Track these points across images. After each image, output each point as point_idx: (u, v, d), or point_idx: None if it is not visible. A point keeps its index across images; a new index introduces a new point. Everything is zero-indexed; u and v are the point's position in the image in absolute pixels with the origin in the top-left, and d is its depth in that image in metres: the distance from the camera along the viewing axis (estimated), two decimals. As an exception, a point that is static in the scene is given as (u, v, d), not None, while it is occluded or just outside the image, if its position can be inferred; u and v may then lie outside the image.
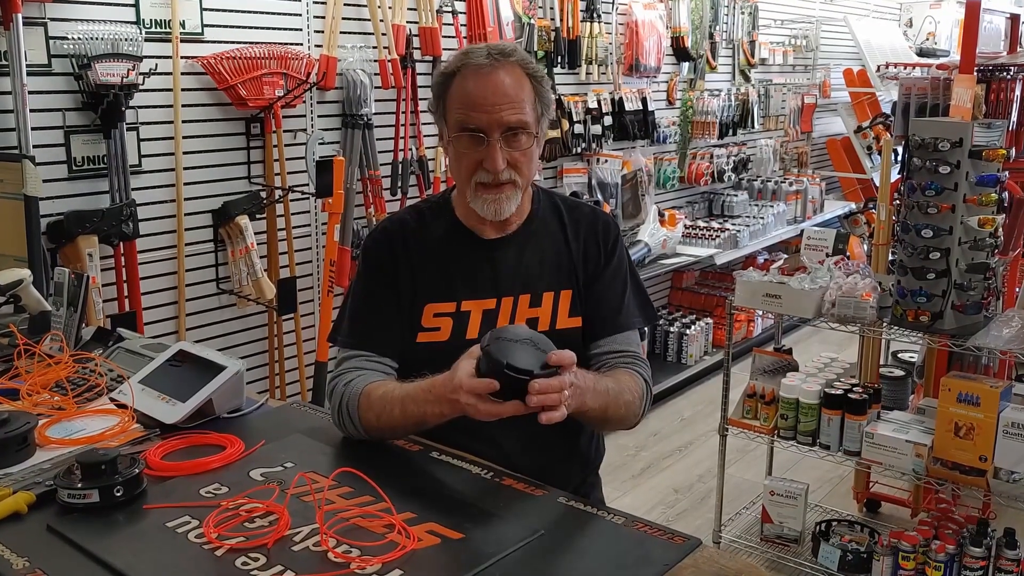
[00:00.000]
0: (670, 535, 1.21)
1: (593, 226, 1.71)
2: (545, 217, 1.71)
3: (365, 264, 1.69)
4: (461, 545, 1.17)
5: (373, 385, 1.51)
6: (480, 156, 1.54)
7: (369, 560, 1.12)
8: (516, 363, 1.24)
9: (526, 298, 1.64)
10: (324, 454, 1.44)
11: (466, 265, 1.64)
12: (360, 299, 1.66)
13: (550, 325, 1.63)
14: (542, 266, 1.66)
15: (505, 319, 1.62)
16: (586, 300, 1.67)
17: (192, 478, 1.35)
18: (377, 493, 1.26)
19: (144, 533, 1.20)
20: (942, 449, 2.74)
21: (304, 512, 1.24)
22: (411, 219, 1.70)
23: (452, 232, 1.67)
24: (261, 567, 1.11)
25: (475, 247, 1.66)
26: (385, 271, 1.64)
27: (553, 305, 1.64)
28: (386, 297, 1.63)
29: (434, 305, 1.62)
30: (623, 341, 1.68)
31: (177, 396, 1.55)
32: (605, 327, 1.67)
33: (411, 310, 1.62)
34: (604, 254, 1.69)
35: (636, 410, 1.59)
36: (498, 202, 1.57)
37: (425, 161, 3.91)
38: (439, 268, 1.64)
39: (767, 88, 6.17)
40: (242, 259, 3.18)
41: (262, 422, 1.59)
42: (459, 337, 1.60)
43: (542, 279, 1.65)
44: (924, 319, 2.79)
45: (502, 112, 1.52)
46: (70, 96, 2.77)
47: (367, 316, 1.64)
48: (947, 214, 2.70)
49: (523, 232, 1.68)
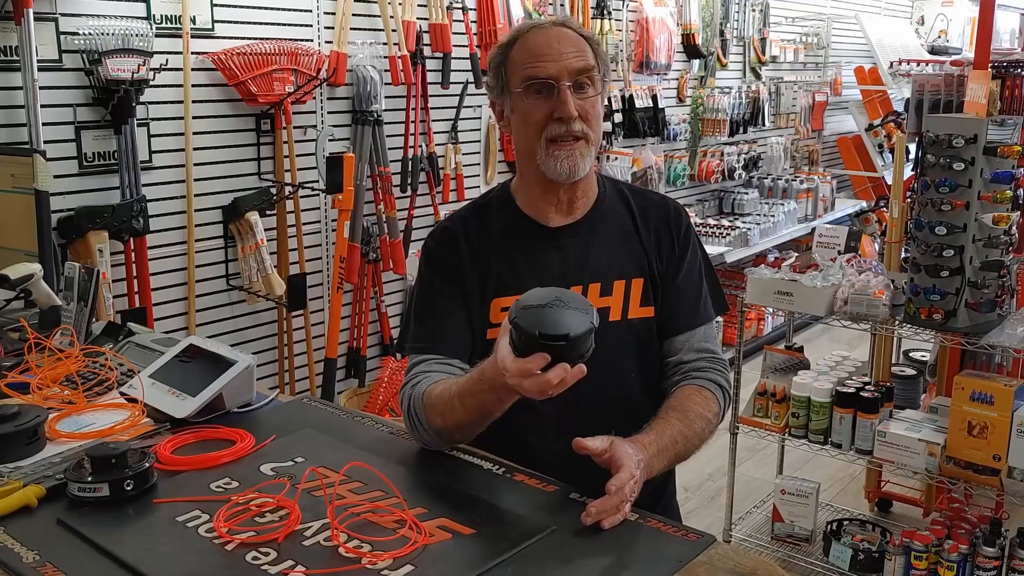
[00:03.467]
0: (684, 531, 1.19)
1: (664, 215, 1.64)
2: (612, 203, 1.63)
3: (428, 265, 1.62)
4: (473, 541, 1.16)
5: (433, 385, 1.45)
6: (550, 107, 1.48)
7: (380, 555, 1.11)
8: (548, 330, 1.16)
9: (596, 287, 1.56)
10: (335, 449, 1.42)
11: (532, 256, 1.58)
12: (425, 301, 1.59)
13: (622, 314, 1.56)
14: (612, 254, 1.59)
15: None
16: (663, 294, 1.60)
17: (202, 472, 1.34)
18: (388, 488, 1.25)
19: (154, 527, 1.20)
20: (955, 448, 2.71)
21: (315, 507, 1.23)
22: (471, 215, 1.64)
23: (516, 223, 1.60)
24: (271, 562, 1.10)
25: (541, 237, 1.58)
26: (449, 270, 1.58)
27: (625, 294, 1.57)
28: (452, 297, 1.56)
29: (502, 299, 1.55)
30: (702, 337, 1.62)
31: (187, 391, 1.55)
32: (685, 322, 1.61)
33: (480, 307, 1.56)
34: (678, 245, 1.62)
35: (711, 430, 1.53)
36: (571, 158, 1.50)
37: (435, 158, 3.90)
38: (505, 261, 1.57)
39: (778, 86, 6.15)
40: (252, 255, 3.18)
41: (272, 417, 1.58)
42: None
43: (612, 267, 1.58)
44: (937, 317, 2.76)
45: (569, 59, 1.48)
46: (81, 92, 2.77)
47: (433, 318, 1.57)
48: (961, 211, 2.68)
49: (590, 219, 1.60)
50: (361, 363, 3.73)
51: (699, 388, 1.54)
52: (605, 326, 1.52)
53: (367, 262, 3.68)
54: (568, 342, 1.16)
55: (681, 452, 1.44)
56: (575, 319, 1.17)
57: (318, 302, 3.57)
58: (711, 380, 1.56)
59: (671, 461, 1.42)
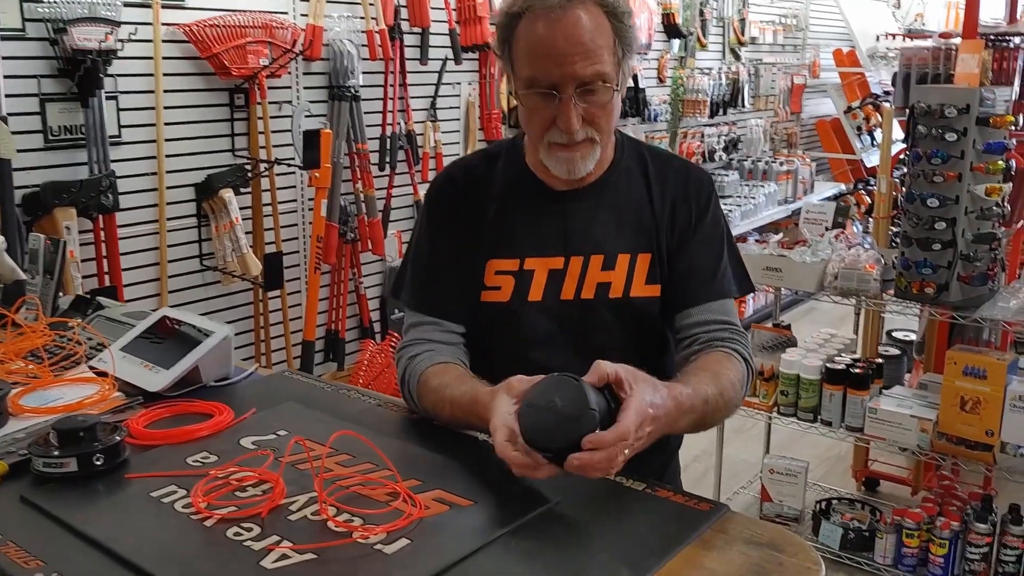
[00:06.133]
0: (695, 501, 1.13)
1: (683, 182, 1.49)
2: (628, 169, 1.49)
3: (428, 214, 1.52)
4: (472, 513, 1.09)
5: (432, 371, 1.37)
6: (552, 113, 1.34)
7: (372, 529, 1.03)
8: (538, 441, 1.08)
9: (598, 259, 1.44)
10: (320, 421, 1.34)
11: (533, 218, 1.46)
12: (423, 255, 1.50)
13: (624, 292, 1.44)
14: (620, 224, 1.46)
15: (573, 281, 1.44)
16: (673, 265, 1.46)
17: (178, 447, 1.26)
18: (380, 459, 1.17)
19: (126, 503, 1.11)
20: (947, 424, 2.68)
21: (300, 480, 1.15)
22: (479, 164, 1.51)
23: (520, 180, 1.48)
24: (255, 537, 1.02)
25: (545, 199, 1.46)
26: (447, 223, 1.48)
27: (628, 270, 1.44)
28: (449, 254, 1.47)
29: (497, 262, 1.45)
30: (719, 310, 1.45)
31: (161, 363, 1.46)
32: (699, 293, 1.45)
33: (474, 268, 1.46)
34: (696, 212, 1.47)
35: (738, 402, 1.37)
36: (572, 162, 1.38)
37: (414, 136, 3.81)
38: (503, 222, 1.46)
39: (757, 68, 6.10)
40: (226, 234, 3.08)
41: (252, 390, 1.50)
42: (520, 299, 1.44)
43: (618, 239, 1.45)
44: (929, 291, 2.73)
45: (576, 64, 1.30)
46: (45, 62, 2.65)
47: (431, 276, 1.48)
48: (953, 183, 2.64)
49: (600, 184, 1.47)
50: (340, 346, 3.64)
51: (727, 355, 1.39)
52: (604, 303, 1.45)
53: (345, 242, 3.58)
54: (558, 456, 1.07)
55: (707, 417, 1.29)
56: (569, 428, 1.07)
57: (295, 283, 3.47)
58: (735, 351, 1.41)
59: (696, 424, 1.27)
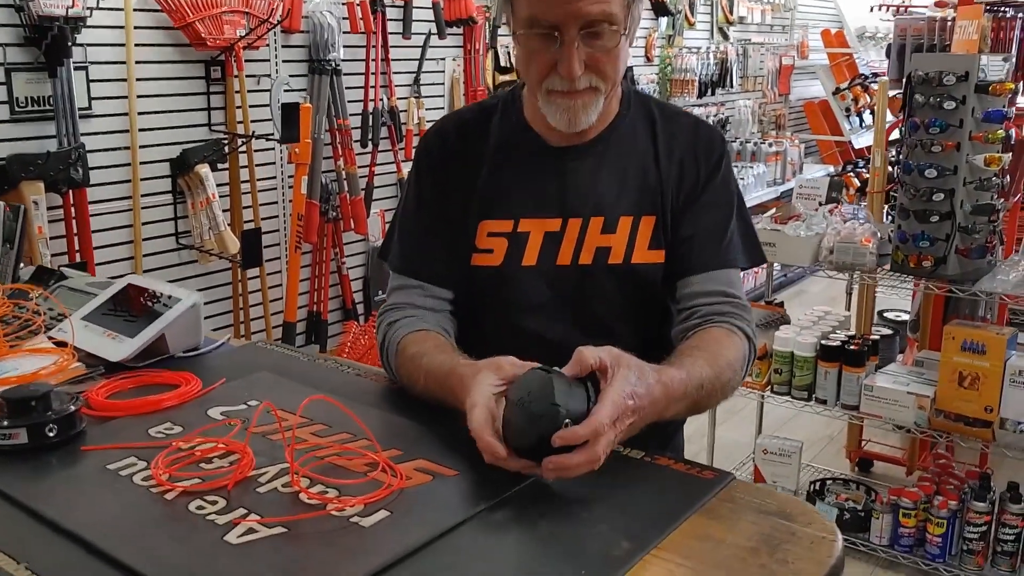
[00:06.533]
0: (698, 469, 1.05)
1: (693, 141, 1.38)
2: (634, 125, 1.37)
3: (416, 170, 1.42)
4: (457, 483, 1.00)
5: (411, 339, 1.28)
6: (553, 57, 1.22)
7: (348, 501, 0.94)
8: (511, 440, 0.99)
9: (598, 222, 1.33)
10: (295, 392, 1.24)
11: (529, 177, 1.35)
12: (410, 214, 1.41)
13: (625, 258, 1.33)
14: (622, 184, 1.35)
15: (570, 244, 1.33)
16: (677, 228, 1.35)
17: (140, 418, 1.17)
18: (358, 429, 1.09)
19: (81, 477, 1.02)
20: (945, 400, 2.62)
21: (271, 451, 1.06)
22: (472, 117, 1.41)
23: (516, 135, 1.37)
24: (219, 511, 0.93)
25: (541, 155, 1.36)
26: (437, 180, 1.38)
27: (631, 234, 1.34)
28: (438, 213, 1.37)
29: (489, 223, 1.35)
30: (722, 280, 1.34)
31: (125, 332, 1.37)
32: (701, 260, 1.34)
33: (464, 228, 1.36)
34: (704, 173, 1.36)
35: (737, 384, 1.26)
36: (572, 111, 1.26)
37: (397, 112, 3.71)
38: (497, 179, 1.36)
39: (745, 47, 6.02)
40: (203, 211, 2.98)
41: (223, 361, 1.41)
42: (514, 263, 1.34)
43: (620, 200, 1.34)
44: (927, 264, 2.66)
45: (580, 2, 1.19)
46: (11, 30, 2.53)
47: (417, 236, 1.39)
48: (952, 153, 2.56)
49: (603, 141, 1.36)
50: (322, 328, 3.54)
51: (727, 332, 1.28)
52: (603, 269, 1.34)
53: (327, 221, 3.49)
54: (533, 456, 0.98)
55: (702, 401, 1.18)
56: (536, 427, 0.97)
57: (275, 264, 3.37)
58: (737, 327, 1.29)
59: (689, 409, 1.17)
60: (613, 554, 0.86)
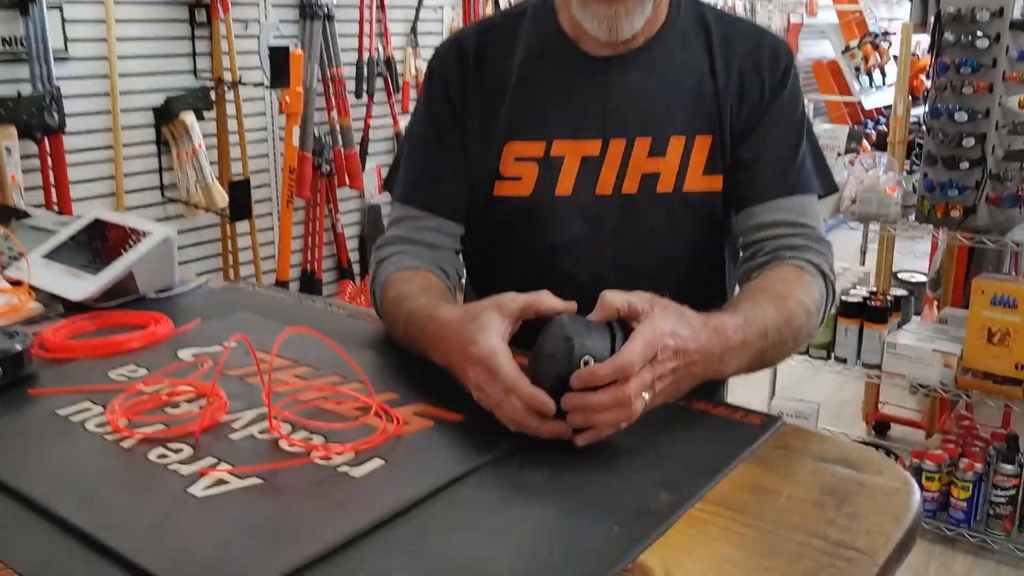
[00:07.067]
0: (742, 413, 0.91)
1: (755, 51, 1.18)
2: (684, 32, 1.18)
3: (429, 83, 1.23)
4: (462, 429, 0.86)
5: (395, 278, 1.11)
6: None
7: (336, 448, 0.80)
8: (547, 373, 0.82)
9: (644, 143, 1.14)
10: (278, 333, 1.09)
11: (564, 91, 1.16)
12: (419, 135, 1.23)
13: (675, 185, 1.15)
14: (672, 100, 1.15)
15: (612, 170, 1.15)
16: (739, 151, 1.16)
17: (100, 361, 1.02)
18: (348, 370, 0.94)
19: (26, 423, 0.88)
20: (973, 358, 2.48)
21: (248, 395, 0.92)
22: (497, 22, 1.23)
23: (549, 44, 1.18)
24: (184, 460, 0.79)
25: (579, 67, 1.16)
26: (453, 95, 1.18)
27: (683, 156, 1.15)
28: (453, 133, 1.19)
29: (517, 145, 1.16)
30: (793, 208, 1.14)
31: (88, 270, 1.22)
32: (769, 187, 1.15)
33: (486, 151, 1.17)
34: (769, 87, 1.16)
35: (811, 331, 1.06)
36: (614, 18, 1.08)
37: (393, 63, 3.54)
38: (527, 94, 1.17)
39: (753, 4, 5.84)
40: (189, 162, 2.82)
41: (200, 302, 1.26)
42: (546, 193, 1.16)
43: (671, 118, 1.15)
44: (955, 214, 2.51)
45: None
46: (-22, -36, 2.37)
47: (426, 160, 1.21)
48: (984, 95, 2.41)
49: (649, 49, 1.16)
50: (315, 287, 3.39)
51: (797, 269, 1.09)
52: (650, 199, 1.15)
53: (320, 175, 3.33)
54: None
55: (769, 352, 0.98)
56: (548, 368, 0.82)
57: (267, 220, 3.22)
58: (811, 263, 1.10)
59: (752, 362, 0.96)
60: (650, 507, 0.72)
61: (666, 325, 0.84)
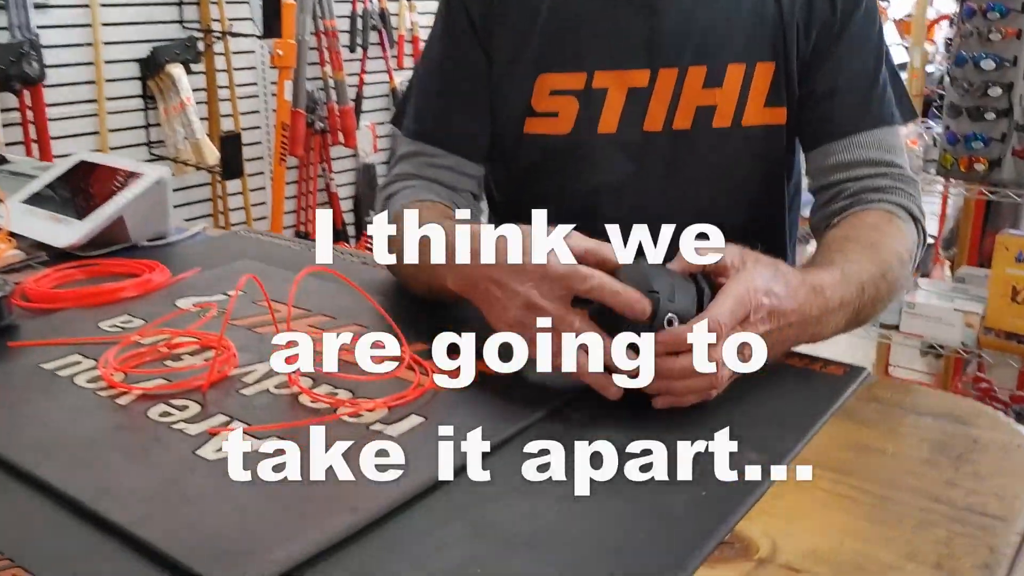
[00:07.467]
0: (821, 364, 0.80)
1: None
2: None
3: (447, 11, 1.08)
4: (514, 381, 0.75)
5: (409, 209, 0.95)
6: None
7: (366, 403, 0.70)
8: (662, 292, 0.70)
9: (699, 72, 1.01)
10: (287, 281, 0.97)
11: (606, 14, 1.02)
12: (435, 65, 1.09)
13: (734, 119, 1.02)
14: (730, 22, 1.02)
15: (662, 104, 1.02)
16: (809, 81, 1.03)
17: (89, 311, 0.91)
18: (370, 318, 0.84)
19: (6, 378, 0.77)
20: (996, 317, 2.40)
21: (259, 346, 0.81)
22: None
23: None
24: (190, 418, 0.69)
25: None
26: (476, 18, 1.04)
27: (743, 87, 1.02)
28: (472, 63, 1.05)
29: (552, 76, 1.03)
30: (876, 144, 1.01)
31: (74, 215, 1.11)
32: (846, 120, 1.02)
33: (517, 83, 1.04)
34: (843, 6, 1.01)
35: (906, 282, 0.95)
36: None
37: (388, 15, 3.40)
38: (563, 17, 1.03)
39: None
40: (177, 117, 2.69)
41: (198, 250, 1.15)
42: (587, 130, 1.03)
43: (728, 44, 1.02)
44: (979, 167, 2.41)
45: None
46: (-52, -98, 2.22)
47: (441, 92, 1.08)
48: (1012, 41, 2.31)
49: None
50: (310, 249, 3.28)
51: (887, 213, 0.96)
52: (706, 135, 1.03)
53: (313, 133, 3.20)
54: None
55: (865, 309, 0.85)
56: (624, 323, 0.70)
57: (259, 179, 3.10)
58: (900, 205, 0.98)
59: (848, 323, 0.83)
60: (739, 468, 0.62)
61: (760, 282, 0.72)
